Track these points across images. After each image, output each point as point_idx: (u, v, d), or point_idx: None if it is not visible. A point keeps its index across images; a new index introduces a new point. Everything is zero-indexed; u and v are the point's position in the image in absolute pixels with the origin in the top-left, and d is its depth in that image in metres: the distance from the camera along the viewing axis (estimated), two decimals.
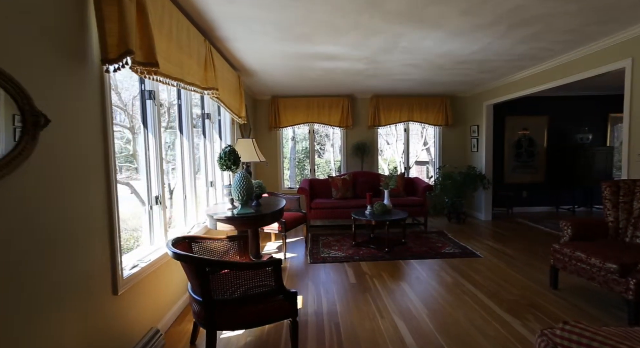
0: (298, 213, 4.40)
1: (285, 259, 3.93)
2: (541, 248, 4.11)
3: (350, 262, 3.76)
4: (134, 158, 5.21)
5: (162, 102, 3.44)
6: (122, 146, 5.11)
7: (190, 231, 2.97)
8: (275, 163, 6.36)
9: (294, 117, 6.15)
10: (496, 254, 3.91)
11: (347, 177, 5.53)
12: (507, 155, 6.28)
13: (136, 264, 2.03)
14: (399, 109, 6.15)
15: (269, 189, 6.25)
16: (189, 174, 3.05)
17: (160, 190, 2.39)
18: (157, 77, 2.05)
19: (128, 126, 5.30)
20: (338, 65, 4.12)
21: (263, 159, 3.54)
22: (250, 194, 2.67)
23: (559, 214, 6.12)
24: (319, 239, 4.74)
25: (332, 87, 5.45)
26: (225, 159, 2.79)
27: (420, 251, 4.05)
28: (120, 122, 5.08)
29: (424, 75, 4.68)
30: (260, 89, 5.63)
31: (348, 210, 5.08)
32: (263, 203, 3.22)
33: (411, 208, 5.08)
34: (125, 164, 5.18)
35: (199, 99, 3.69)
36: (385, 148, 12.03)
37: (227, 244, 2.33)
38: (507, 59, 3.91)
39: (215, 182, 3.83)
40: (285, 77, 4.78)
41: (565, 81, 3.94)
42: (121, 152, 5.01)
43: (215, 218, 2.61)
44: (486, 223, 5.55)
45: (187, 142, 3.03)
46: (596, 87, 5.88)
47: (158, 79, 2.11)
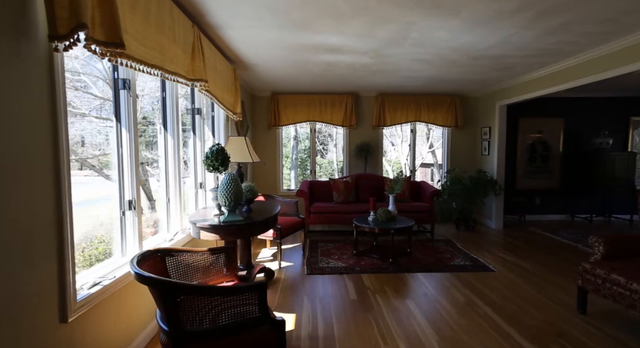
0: (295, 218, 4.08)
1: (280, 268, 3.61)
2: (561, 262, 3.75)
3: (351, 274, 3.43)
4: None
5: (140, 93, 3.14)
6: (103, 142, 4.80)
7: (173, 238, 2.66)
8: (274, 163, 6.05)
9: (295, 115, 5.84)
10: (511, 268, 3.56)
11: (350, 179, 5.21)
12: (519, 159, 5.92)
13: (98, 281, 1.72)
14: (405, 109, 5.82)
15: (267, 191, 5.94)
16: (173, 175, 2.74)
17: (135, 194, 2.09)
18: (128, 62, 1.75)
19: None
20: (341, 59, 3.79)
21: (257, 160, 3.22)
22: (239, 199, 2.35)
23: (575, 223, 5.75)
24: (317, 246, 4.42)
25: (335, 84, 5.13)
26: (212, 159, 2.48)
27: (427, 263, 3.71)
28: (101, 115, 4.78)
29: (434, 72, 4.35)
30: (260, 85, 5.32)
31: (350, 215, 4.76)
32: (255, 208, 2.91)
33: (417, 215, 4.74)
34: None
35: (189, 93, 3.39)
36: (390, 150, 11.69)
37: (208, 257, 2.01)
38: (527, 55, 3.57)
39: (205, 183, 3.52)
40: (285, 72, 4.47)
41: (588, 79, 3.59)
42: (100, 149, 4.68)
43: (199, 225, 2.30)
44: (497, 231, 5.20)
45: (171, 139, 2.73)
46: (616, 88, 5.51)
47: (130, 65, 1.80)
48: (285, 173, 11.77)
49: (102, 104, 3.54)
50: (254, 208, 2.91)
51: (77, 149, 3.27)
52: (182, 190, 2.83)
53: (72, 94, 3.03)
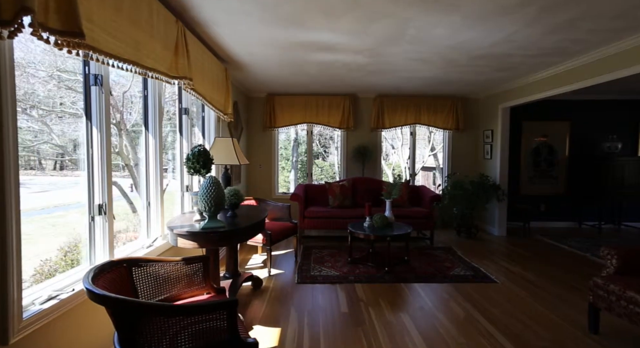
0: (288, 223, 3.91)
1: (269, 276, 3.44)
2: (569, 274, 3.54)
3: (344, 283, 3.25)
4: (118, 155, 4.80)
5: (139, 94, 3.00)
6: None
7: (152, 244, 2.50)
8: (270, 166, 5.89)
9: (291, 117, 5.69)
10: (515, 279, 3.36)
11: (346, 183, 5.03)
12: (523, 164, 5.72)
13: (54, 295, 1.56)
14: (404, 111, 5.65)
15: (262, 194, 5.78)
16: (154, 177, 2.59)
17: (106, 197, 1.93)
18: (96, 55, 1.61)
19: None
20: (337, 58, 3.64)
21: (245, 162, 3.06)
22: (220, 204, 2.19)
23: (582, 230, 5.51)
24: (311, 252, 4.23)
25: (332, 85, 4.98)
26: (193, 161, 2.32)
27: (426, 273, 3.52)
28: None
29: (434, 72, 4.18)
30: (254, 85, 5.18)
31: (345, 221, 4.58)
32: (241, 213, 2.74)
33: (416, 221, 4.55)
34: None
35: (176, 93, 3.24)
36: (390, 153, 11.52)
37: (183, 267, 1.84)
38: (532, 54, 3.39)
39: (192, 187, 3.36)
40: (280, 72, 4.32)
41: (597, 80, 3.40)
42: None
43: (176, 232, 2.13)
44: (500, 239, 4.99)
45: (153, 139, 2.58)
46: (625, 91, 5.31)
47: (99, 59, 1.66)
48: (285, 175, 11.65)
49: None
50: (239, 213, 2.75)
51: (70, 151, 3.13)
52: (163, 193, 2.67)
53: (65, 94, 2.92)
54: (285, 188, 11.03)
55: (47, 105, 2.78)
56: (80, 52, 1.51)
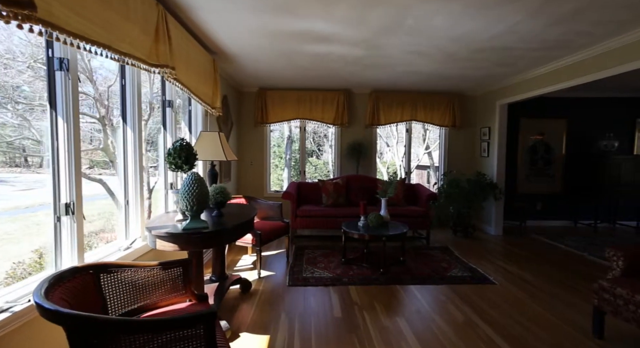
0: (279, 222, 3.75)
1: (259, 279, 3.27)
2: (568, 274, 3.45)
3: (337, 285, 3.10)
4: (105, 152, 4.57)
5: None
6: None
7: (131, 246, 2.32)
8: (261, 163, 5.71)
9: (283, 113, 5.51)
10: (513, 280, 3.25)
11: (340, 181, 4.88)
12: (520, 162, 5.63)
13: (6, 307, 1.37)
14: (400, 107, 5.51)
15: (254, 192, 5.60)
16: (133, 173, 2.40)
17: (74, 195, 1.74)
18: (59, 35, 1.42)
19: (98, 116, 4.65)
20: (332, 50, 3.47)
21: (233, 158, 2.88)
22: (203, 203, 2.01)
23: (578, 229, 5.46)
24: (304, 253, 4.08)
25: (326, 79, 4.81)
26: (175, 156, 2.14)
27: (422, 274, 3.39)
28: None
29: (432, 67, 4.04)
30: (246, 79, 4.98)
31: (339, 220, 4.43)
32: (228, 212, 2.57)
33: (412, 220, 4.43)
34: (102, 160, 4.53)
35: (159, 85, 3.05)
36: (385, 151, 11.41)
37: (159, 273, 1.67)
38: (534, 48, 3.27)
39: (176, 184, 3.18)
40: (272, 65, 4.14)
41: (597, 76, 3.30)
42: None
43: (154, 233, 1.95)
44: (496, 238, 4.90)
45: (131, 132, 2.38)
46: (622, 88, 5.25)
47: (65, 40, 1.47)
48: (278, 173, 11.47)
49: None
50: (226, 212, 2.57)
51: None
52: (143, 191, 2.48)
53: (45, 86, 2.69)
54: (278, 186, 10.86)
55: (28, 99, 2.57)
56: (37, 29, 1.33)
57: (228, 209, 2.73)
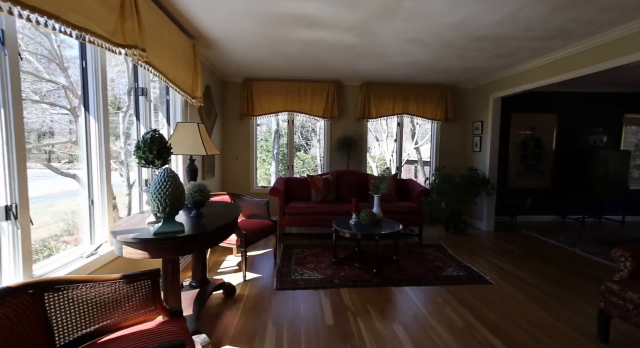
0: (266, 220, 3.52)
1: (244, 282, 3.05)
2: (562, 271, 3.38)
3: (328, 288, 2.92)
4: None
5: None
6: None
7: (96, 252, 2.04)
8: (247, 158, 5.43)
9: (270, 105, 5.23)
10: (509, 279, 3.15)
11: (330, 177, 4.68)
12: (511, 157, 5.57)
13: None
14: (392, 100, 5.33)
15: (239, 188, 5.34)
16: (98, 169, 2.11)
17: (17, 196, 1.46)
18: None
19: None
20: (322, 36, 3.23)
21: (214, 152, 2.62)
22: (178, 202, 1.77)
23: (566, 224, 5.47)
24: (292, 252, 3.87)
25: (315, 69, 4.56)
26: (145, 149, 1.89)
27: (417, 273, 3.25)
28: None
29: (428, 57, 3.85)
30: (230, 69, 4.67)
31: (329, 217, 4.24)
32: (208, 212, 2.32)
33: (404, 216, 4.28)
34: None
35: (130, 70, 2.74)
36: (374, 146, 11.28)
37: (123, 287, 1.42)
38: (535, 37, 3.12)
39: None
40: (258, 53, 3.85)
41: (595, 68, 3.20)
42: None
43: (120, 239, 1.70)
44: (488, 234, 4.83)
45: (95, 123, 2.09)
46: (609, 83, 5.23)
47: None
48: (266, 168, 11.18)
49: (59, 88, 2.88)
50: (206, 212, 2.33)
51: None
52: (111, 188, 2.20)
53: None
54: (266, 181, 10.60)
55: None
56: None
57: (209, 208, 2.48)
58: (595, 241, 4.45)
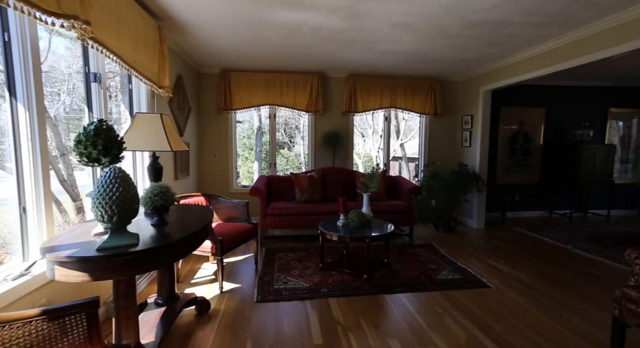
0: (245, 224, 3.18)
1: (221, 293, 2.71)
2: (560, 271, 3.23)
3: (316, 299, 2.63)
4: None
5: None
6: None
7: (29, 271, 1.66)
8: (226, 155, 5.05)
9: (250, 98, 4.87)
10: (507, 281, 2.96)
11: (315, 174, 4.38)
12: (500, 152, 5.45)
13: None
14: (379, 93, 5.08)
15: (218, 188, 4.96)
16: (30, 170, 1.72)
17: None
18: None
19: None
20: (305, 19, 2.91)
21: (181, 148, 2.26)
22: (129, 209, 1.42)
23: (554, 220, 5.42)
24: (275, 257, 3.56)
25: (298, 59, 4.23)
26: (87, 144, 1.53)
27: (410, 278, 3.01)
28: None
29: (417, 45, 3.61)
30: (205, 58, 4.27)
31: (315, 218, 3.95)
32: (174, 219, 1.98)
33: (394, 216, 4.05)
34: None
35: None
36: (359, 142, 11.07)
37: (44, 329, 1.07)
38: (533, 22, 2.92)
39: None
40: (235, 40, 3.49)
41: (590, 58, 3.06)
42: None
43: (52, 257, 1.33)
44: (479, 232, 4.68)
45: (25, 112, 1.70)
46: (594, 77, 5.18)
47: None
48: (249, 166, 10.76)
49: None
50: (172, 218, 1.98)
51: None
52: (49, 193, 1.81)
53: None
54: (249, 179, 10.20)
55: None
56: None
57: (177, 213, 2.14)
58: (586, 237, 4.38)
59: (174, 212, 2.18)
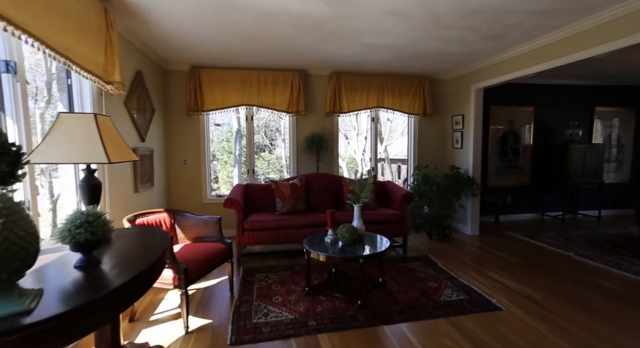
0: (217, 244, 2.70)
1: (187, 334, 2.22)
2: (571, 284, 2.95)
3: (303, 336, 2.19)
4: None
5: None
6: None
7: None
8: (198, 162, 4.52)
9: (224, 97, 4.37)
10: (518, 301, 2.64)
11: (298, 182, 3.94)
12: (491, 153, 5.23)
13: None
14: (366, 92, 4.72)
15: (188, 200, 4.43)
16: None
17: None
18: None
19: None
20: (282, 4, 2.48)
21: (126, 159, 1.76)
22: (16, 259, 0.93)
23: (545, 222, 5.24)
24: (254, 279, 3.09)
25: (276, 53, 3.79)
26: None
27: (410, 301, 2.63)
28: None
29: (408, 37, 3.26)
30: (171, 52, 3.74)
31: (299, 232, 3.52)
32: (112, 254, 1.48)
33: (387, 226, 3.68)
34: None
35: None
36: (342, 143, 10.72)
37: None
38: (537, 11, 2.63)
39: (62, 195, 1.96)
40: (201, 30, 3.00)
41: (593, 52, 2.82)
42: None
43: None
44: (474, 239, 4.39)
45: None
46: (581, 76, 5.06)
47: None
48: (228, 170, 10.17)
49: None
50: (110, 253, 1.49)
51: None
52: None
53: None
54: (229, 184, 9.62)
55: None
56: None
57: (118, 244, 1.64)
58: (583, 241, 4.18)
59: (117, 241, 1.68)
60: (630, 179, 5.69)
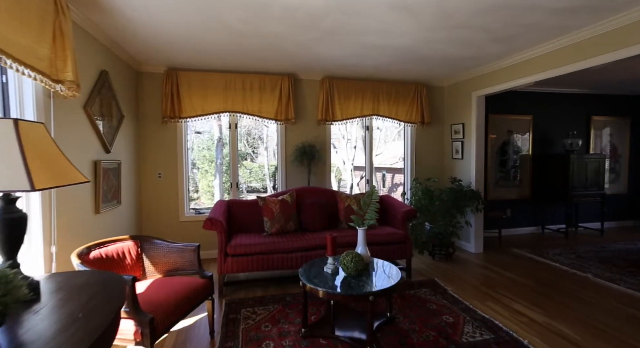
0: (194, 278, 2.21)
1: None
2: (605, 318, 2.61)
3: None
4: None
5: None
6: None
7: None
8: (174, 175, 4.01)
9: (204, 103, 3.91)
10: (551, 340, 2.27)
11: (288, 198, 3.50)
12: (491, 164, 4.98)
13: None
14: (360, 99, 4.38)
15: (161, 218, 3.90)
16: None
17: None
18: None
19: None
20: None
21: (63, 183, 1.27)
22: None
23: (547, 236, 5.01)
24: (239, 316, 2.59)
25: (265, 55, 3.39)
26: None
27: (428, 345, 2.22)
28: None
29: (412, 37, 2.95)
30: (143, 51, 3.27)
31: (290, 256, 3.08)
32: (34, 322, 1.00)
33: (390, 247, 3.29)
34: None
35: None
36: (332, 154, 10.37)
37: None
38: (556, 8, 2.37)
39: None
40: (180, 22, 2.57)
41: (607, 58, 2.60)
42: None
43: None
44: (479, 258, 4.06)
45: None
46: (576, 84, 4.94)
47: None
48: (209, 179, 9.58)
49: None
50: (30, 322, 1.00)
51: None
52: None
53: None
54: (209, 194, 9.03)
55: None
56: None
57: (50, 304, 1.15)
58: (594, 258, 3.94)
59: (50, 298, 1.19)
60: (628, 190, 5.59)
